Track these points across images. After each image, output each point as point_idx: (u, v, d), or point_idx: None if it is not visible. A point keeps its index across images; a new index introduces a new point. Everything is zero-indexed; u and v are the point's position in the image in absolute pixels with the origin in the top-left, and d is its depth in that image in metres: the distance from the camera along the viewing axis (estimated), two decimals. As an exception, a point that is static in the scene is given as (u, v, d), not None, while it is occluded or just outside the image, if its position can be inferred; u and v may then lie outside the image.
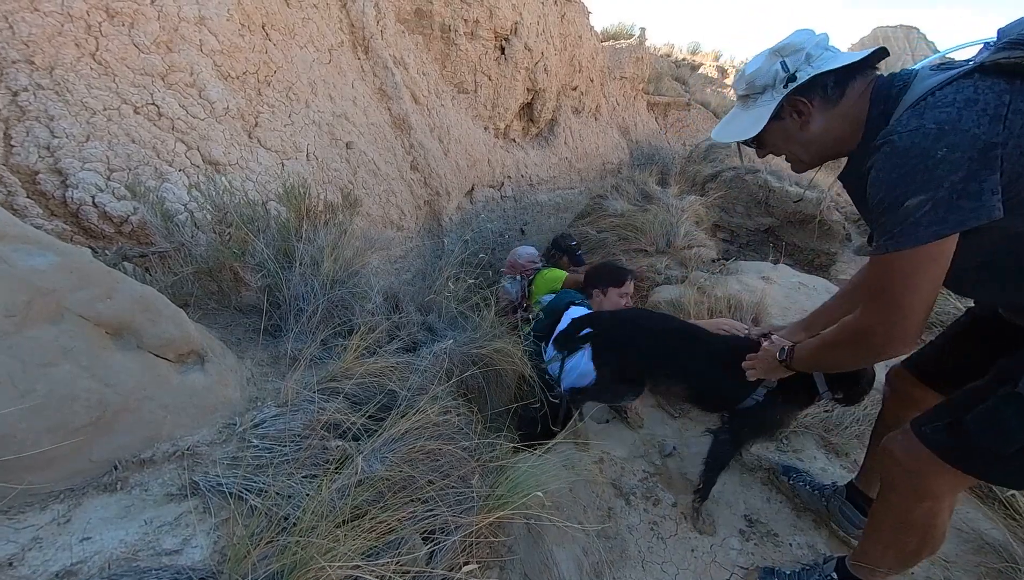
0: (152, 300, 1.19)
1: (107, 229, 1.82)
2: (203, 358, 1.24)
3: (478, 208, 4.73)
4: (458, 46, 4.24)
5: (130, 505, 0.93)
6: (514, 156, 5.31)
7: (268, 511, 0.85)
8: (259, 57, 2.59)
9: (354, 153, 3.07)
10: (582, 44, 6.11)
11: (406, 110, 3.68)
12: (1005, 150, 0.75)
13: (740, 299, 2.44)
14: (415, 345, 1.58)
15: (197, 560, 0.84)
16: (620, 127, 7.79)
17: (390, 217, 3.34)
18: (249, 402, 1.20)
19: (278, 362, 1.34)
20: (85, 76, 1.93)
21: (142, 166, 1.95)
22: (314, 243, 1.53)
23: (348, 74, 3.29)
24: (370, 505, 0.88)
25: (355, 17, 3.40)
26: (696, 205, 4.00)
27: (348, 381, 1.21)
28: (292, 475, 0.93)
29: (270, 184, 2.27)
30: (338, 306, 1.48)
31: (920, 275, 0.83)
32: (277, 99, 2.66)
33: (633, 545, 1.53)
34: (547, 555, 1.35)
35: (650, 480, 1.77)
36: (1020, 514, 1.36)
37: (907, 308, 0.86)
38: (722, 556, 1.52)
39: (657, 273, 3.14)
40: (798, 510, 1.67)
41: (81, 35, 1.94)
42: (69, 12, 1.91)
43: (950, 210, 0.77)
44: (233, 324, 1.52)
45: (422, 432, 1.14)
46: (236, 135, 2.35)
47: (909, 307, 0.86)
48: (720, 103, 10.72)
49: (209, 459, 1.02)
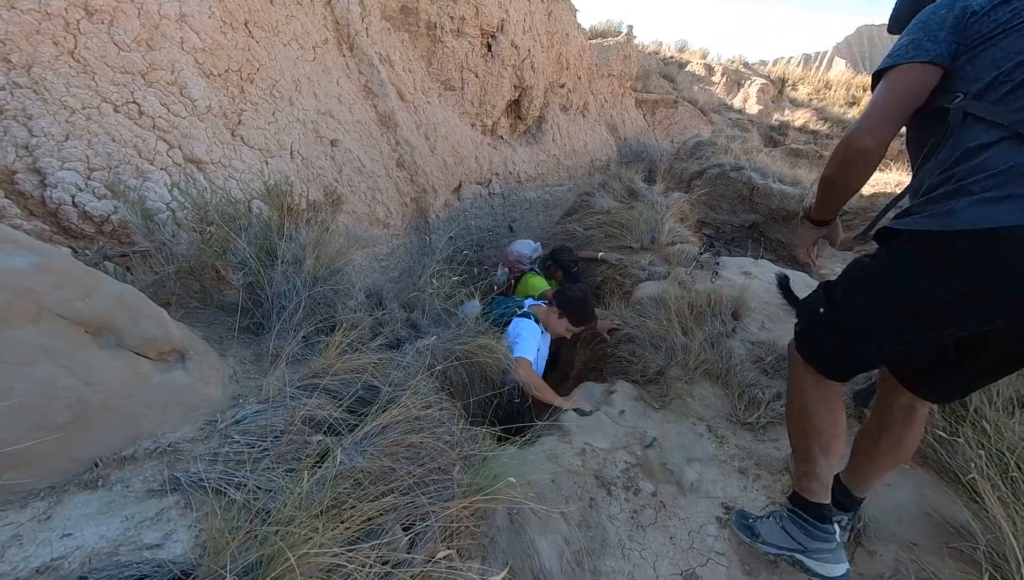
0: (133, 299, 1.19)
1: (87, 229, 1.81)
2: (184, 356, 1.25)
3: (466, 205, 4.75)
4: (444, 43, 4.23)
5: (111, 501, 0.94)
6: (502, 153, 5.32)
7: (248, 504, 0.87)
8: (242, 55, 2.58)
9: (339, 151, 3.07)
10: (569, 41, 6.13)
11: (392, 107, 3.67)
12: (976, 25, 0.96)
13: (720, 294, 2.49)
14: (398, 342, 1.60)
15: (178, 553, 0.85)
16: (608, 124, 7.83)
17: (376, 215, 3.34)
18: (231, 399, 1.22)
19: (260, 359, 1.35)
20: (64, 74, 1.91)
21: (123, 165, 1.94)
22: (296, 241, 1.54)
23: (333, 71, 3.28)
24: (350, 496, 0.90)
25: (340, 14, 3.38)
26: (681, 202, 4.06)
27: (330, 377, 1.23)
28: (273, 469, 0.95)
29: (253, 182, 2.27)
30: (320, 303, 1.50)
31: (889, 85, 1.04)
32: (260, 97, 2.65)
33: (614, 533, 1.57)
34: (529, 544, 1.38)
35: (631, 470, 1.81)
36: (981, 497, 1.42)
37: (877, 106, 1.05)
38: (699, 543, 1.57)
39: (641, 269, 3.18)
40: (774, 500, 1.72)
41: (59, 33, 1.92)
42: (46, 10, 1.88)
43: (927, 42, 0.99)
44: (215, 322, 1.52)
45: (404, 426, 1.16)
46: (219, 133, 2.34)
47: (880, 106, 1.05)
48: (707, 100, 10.82)
49: (191, 455, 1.03)
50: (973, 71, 0.96)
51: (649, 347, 2.33)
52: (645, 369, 2.28)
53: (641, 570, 1.48)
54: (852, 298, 1.12)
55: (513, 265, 3.47)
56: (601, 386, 2.35)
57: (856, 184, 1.19)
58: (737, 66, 14.57)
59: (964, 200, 0.89)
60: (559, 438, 1.87)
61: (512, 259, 3.47)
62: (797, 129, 11.04)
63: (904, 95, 1.03)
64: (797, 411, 1.27)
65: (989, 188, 0.87)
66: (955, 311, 0.96)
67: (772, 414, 2.00)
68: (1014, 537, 1.22)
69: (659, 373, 2.26)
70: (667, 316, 2.37)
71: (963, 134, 0.95)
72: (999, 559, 1.26)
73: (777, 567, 1.49)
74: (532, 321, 2.28)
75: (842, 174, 1.16)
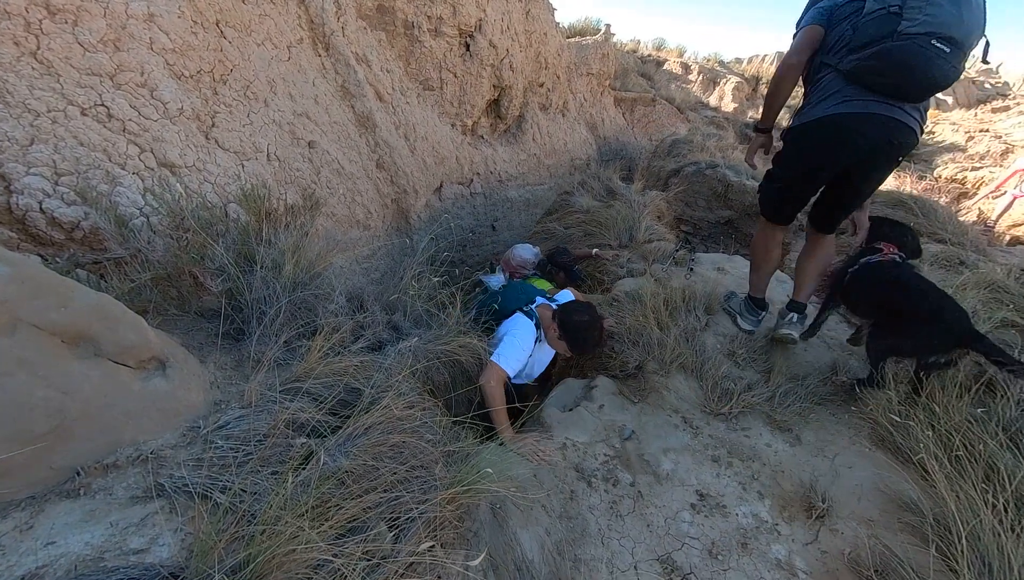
0: (109, 307, 1.19)
1: (57, 236, 1.78)
2: (164, 364, 1.25)
3: (447, 205, 4.76)
4: (422, 43, 4.23)
5: (94, 509, 0.95)
6: (483, 153, 5.34)
7: (234, 507, 0.89)
8: (214, 55, 2.54)
9: (317, 153, 3.05)
10: (547, 41, 6.18)
11: (370, 108, 3.66)
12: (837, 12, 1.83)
13: (694, 290, 2.58)
14: (380, 344, 1.62)
15: (165, 557, 0.87)
16: (588, 123, 7.92)
17: (356, 216, 3.33)
18: (213, 405, 1.23)
19: (242, 365, 1.36)
20: (26, 76, 1.86)
21: (92, 170, 1.90)
22: (275, 246, 1.54)
23: (309, 72, 3.25)
24: (334, 495, 0.93)
25: (314, 13, 3.35)
26: (658, 201, 4.16)
27: (312, 381, 1.25)
28: (257, 472, 0.97)
29: (229, 186, 2.25)
30: (301, 308, 1.51)
31: (804, 35, 1.90)
32: (234, 98, 2.61)
33: (594, 523, 1.64)
34: (511, 537, 1.43)
35: (610, 462, 1.87)
36: (929, 475, 1.53)
37: (799, 43, 1.91)
38: (675, 529, 1.65)
39: (620, 266, 3.26)
40: (744, 485, 1.81)
41: (20, 33, 1.87)
42: (5, 9, 1.83)
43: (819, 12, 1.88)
44: (195, 329, 1.52)
45: (386, 426, 1.19)
46: (192, 136, 2.30)
47: (800, 43, 1.91)
48: (684, 98, 11.02)
49: (174, 461, 1.04)
50: (829, 39, 1.85)
51: (627, 343, 2.41)
52: (624, 364, 2.35)
53: (620, 557, 1.54)
54: (778, 170, 2.16)
55: (516, 270, 3.30)
56: (582, 382, 2.41)
57: (785, 93, 2.02)
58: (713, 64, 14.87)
59: (814, 106, 1.90)
60: (540, 434, 1.92)
61: (515, 264, 3.31)
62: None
63: (809, 40, 1.89)
64: (754, 244, 2.44)
65: (823, 98, 1.87)
66: (819, 163, 1.96)
67: (743, 404, 2.10)
68: (956, 510, 1.33)
69: (637, 368, 2.33)
70: (644, 312, 2.45)
71: (818, 73, 1.91)
72: (944, 531, 1.37)
73: (745, 548, 1.58)
74: (532, 326, 2.08)
75: (777, 86, 2.00)
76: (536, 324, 2.11)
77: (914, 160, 11.19)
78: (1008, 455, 1.53)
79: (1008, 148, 10.39)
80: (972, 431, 1.64)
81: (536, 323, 2.11)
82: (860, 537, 1.58)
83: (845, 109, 1.78)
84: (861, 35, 1.69)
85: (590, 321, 2.08)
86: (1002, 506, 1.32)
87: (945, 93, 15.04)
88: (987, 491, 1.37)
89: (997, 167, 8.71)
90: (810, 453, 1.92)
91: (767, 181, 2.24)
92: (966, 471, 1.47)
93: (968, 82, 15.88)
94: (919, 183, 7.70)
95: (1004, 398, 1.83)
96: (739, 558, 1.55)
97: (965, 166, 9.92)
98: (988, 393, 1.91)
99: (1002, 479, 1.43)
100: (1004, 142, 10.83)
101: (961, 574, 1.23)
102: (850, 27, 1.74)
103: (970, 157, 10.54)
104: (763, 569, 1.51)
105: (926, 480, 1.56)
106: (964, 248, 3.69)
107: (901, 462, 1.77)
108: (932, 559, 1.33)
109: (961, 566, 1.24)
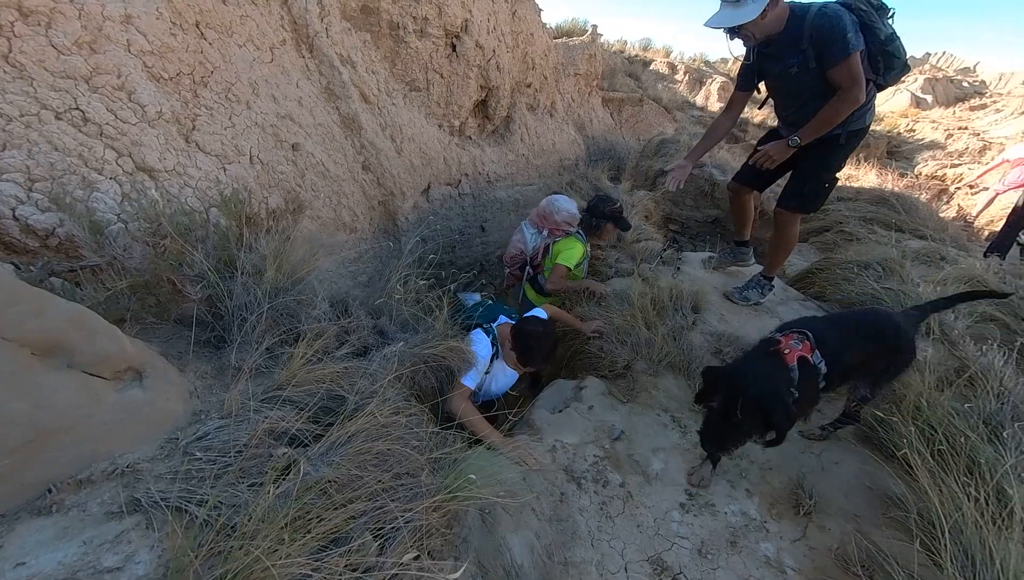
0: (84, 317, 1.16)
1: (31, 243, 1.73)
2: (142, 374, 1.22)
3: (435, 206, 4.73)
4: (408, 44, 4.20)
5: (68, 526, 0.92)
6: (471, 153, 5.33)
7: (211, 521, 0.86)
8: (194, 57, 2.49)
9: (301, 155, 3.01)
10: (534, 41, 6.18)
11: (355, 109, 3.62)
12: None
13: (681, 289, 2.59)
14: (365, 349, 1.60)
15: (140, 575, 0.84)
16: (576, 123, 7.93)
17: (342, 219, 3.29)
18: (193, 415, 1.20)
19: (222, 373, 1.33)
20: (-3, 80, 1.80)
21: (67, 175, 1.85)
22: (257, 251, 1.51)
23: (292, 73, 3.21)
24: (315, 506, 0.91)
25: (297, 14, 3.31)
26: (645, 200, 4.17)
27: (295, 388, 1.23)
28: (236, 484, 0.95)
29: (210, 190, 2.20)
30: (283, 314, 1.48)
31: (859, 64, 2.00)
32: (216, 101, 2.57)
33: (584, 525, 1.63)
34: (500, 542, 1.42)
35: (600, 464, 1.87)
36: (913, 470, 1.55)
37: (862, 78, 2.01)
38: (664, 528, 1.65)
39: (608, 266, 3.27)
40: (733, 483, 1.82)
41: (-10, 36, 1.81)
42: (-26, 11, 1.78)
43: (858, 38, 1.98)
44: (174, 337, 1.49)
45: (371, 433, 1.18)
46: (172, 140, 2.26)
47: (862, 77, 2.01)
48: (671, 98, 11.10)
49: (151, 475, 1.02)
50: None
51: (616, 342, 2.41)
52: (613, 364, 2.36)
53: (610, 558, 1.54)
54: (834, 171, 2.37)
55: (559, 225, 2.85)
56: (572, 383, 2.41)
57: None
58: (699, 64, 15.01)
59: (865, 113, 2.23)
60: (530, 437, 1.91)
61: (560, 219, 2.83)
62: (756, 125, 11.48)
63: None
64: (791, 239, 2.65)
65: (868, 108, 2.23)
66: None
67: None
68: (940, 504, 1.34)
69: (626, 367, 2.34)
70: (632, 312, 2.45)
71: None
72: (927, 525, 1.38)
73: (734, 547, 1.59)
74: (487, 342, 2.05)
75: (839, 119, 2.11)
76: (493, 341, 2.07)
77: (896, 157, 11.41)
78: (989, 448, 1.56)
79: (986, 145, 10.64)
80: (954, 425, 1.66)
81: (493, 340, 2.07)
82: (847, 533, 1.60)
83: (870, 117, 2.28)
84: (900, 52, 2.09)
85: (543, 333, 2.05)
86: (983, 499, 1.34)
87: (924, 92, 15.35)
88: (969, 485, 1.39)
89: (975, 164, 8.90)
90: (797, 450, 1.94)
91: (828, 184, 2.38)
92: (948, 465, 1.49)
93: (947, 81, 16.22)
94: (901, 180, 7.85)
95: (985, 391, 1.86)
96: (728, 556, 1.56)
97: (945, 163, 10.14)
98: (969, 387, 1.94)
99: (983, 473, 1.45)
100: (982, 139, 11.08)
101: (944, 568, 1.24)
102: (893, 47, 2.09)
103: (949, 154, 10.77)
104: (752, 567, 1.52)
105: (910, 475, 1.58)
106: (945, 244, 3.76)
107: (886, 458, 1.79)
108: (917, 553, 1.34)
109: (945, 560, 1.25)
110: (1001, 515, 1.32)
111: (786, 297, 3.00)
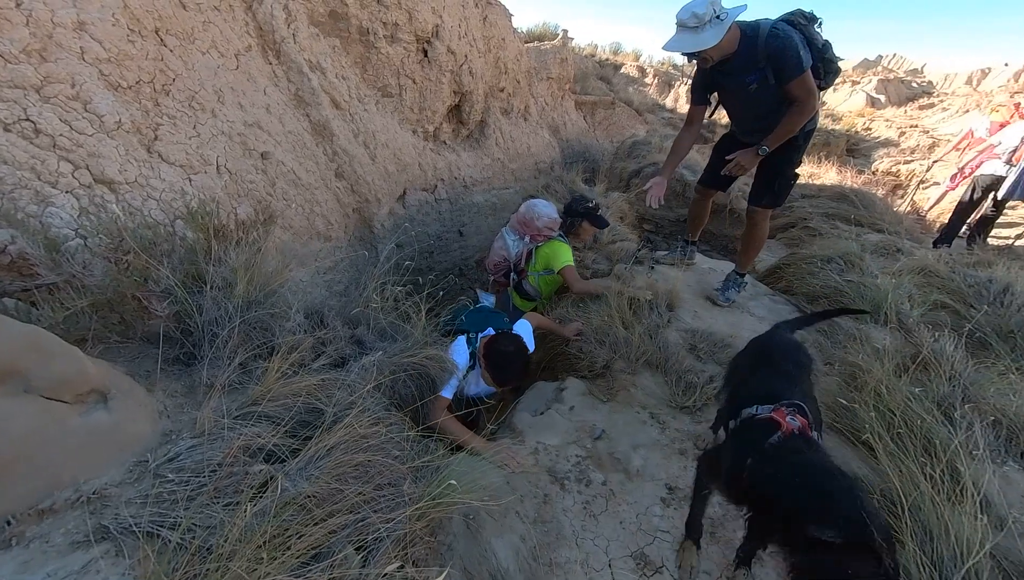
0: (40, 339, 1.11)
1: (-20, 262, 1.64)
2: (106, 395, 1.17)
3: (412, 212, 4.70)
4: (378, 49, 4.17)
5: (29, 560, 0.88)
6: (446, 158, 5.31)
7: (185, 544, 0.84)
8: (154, 65, 2.41)
9: (271, 164, 2.95)
10: (506, 46, 6.22)
11: (326, 116, 3.57)
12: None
13: (656, 287, 2.66)
14: (343, 360, 1.58)
15: (111, 605, 0.81)
16: (550, 126, 8.02)
17: (316, 228, 3.24)
18: (163, 436, 1.16)
19: (194, 391, 1.29)
20: (-62, 91, 1.71)
21: (19, 189, 1.76)
22: (226, 264, 1.47)
23: (259, 80, 3.14)
24: (294, 522, 0.90)
25: (263, 20, 3.24)
26: (620, 202, 4.25)
27: (270, 403, 1.20)
28: (211, 505, 0.93)
29: (175, 201, 2.13)
30: (256, 328, 1.45)
31: (811, 78, 2.22)
32: (179, 109, 2.49)
33: (568, 526, 1.65)
34: (485, 547, 1.42)
35: (582, 463, 1.90)
36: (876, 455, 1.63)
37: (815, 90, 2.25)
38: (646, 524, 1.68)
39: (586, 267, 3.32)
40: (710, 474, 1.87)
41: (-71, 44, 1.72)
42: (-89, 19, 1.68)
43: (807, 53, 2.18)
44: (141, 355, 1.43)
45: (350, 445, 1.16)
46: (132, 150, 2.18)
47: (815, 89, 2.25)
48: (642, 101, 11.35)
49: (120, 500, 0.98)
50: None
51: (595, 343, 2.45)
52: (592, 364, 2.39)
53: (594, 556, 1.56)
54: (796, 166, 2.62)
55: (540, 231, 2.85)
56: (553, 384, 2.43)
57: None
58: (667, 68, 15.39)
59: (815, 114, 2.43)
60: (512, 439, 1.92)
61: (541, 225, 2.83)
62: (723, 126, 11.84)
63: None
64: (761, 236, 2.87)
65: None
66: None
67: (706, 396, 2.17)
68: (899, 484, 1.42)
69: (605, 367, 2.38)
70: (609, 312, 2.50)
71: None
72: (889, 504, 1.46)
73: (713, 537, 1.63)
74: (467, 352, 2.03)
75: (799, 127, 2.34)
76: (472, 353, 2.04)
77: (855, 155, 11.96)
78: (943, 430, 1.66)
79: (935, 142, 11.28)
80: (911, 409, 1.76)
81: (473, 352, 2.05)
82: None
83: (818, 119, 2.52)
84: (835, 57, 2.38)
85: (515, 352, 1.98)
86: (939, 476, 1.43)
87: (879, 92, 16.16)
88: (925, 464, 1.47)
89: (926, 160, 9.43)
90: (769, 440, 2.01)
91: (792, 179, 2.65)
92: (907, 447, 1.57)
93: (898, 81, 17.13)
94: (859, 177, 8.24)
95: (938, 375, 1.98)
96: (708, 547, 1.61)
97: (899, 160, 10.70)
98: (923, 372, 2.05)
99: (937, 452, 1.54)
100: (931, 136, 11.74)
101: (906, 544, 1.31)
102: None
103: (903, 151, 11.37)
104: (731, 555, 1.57)
105: (874, 459, 1.66)
106: (900, 236, 3.97)
107: (850, 442, 1.88)
108: (880, 532, 1.41)
109: (905, 536, 1.32)
110: (955, 491, 1.41)
111: (756, 292, 3.11)
